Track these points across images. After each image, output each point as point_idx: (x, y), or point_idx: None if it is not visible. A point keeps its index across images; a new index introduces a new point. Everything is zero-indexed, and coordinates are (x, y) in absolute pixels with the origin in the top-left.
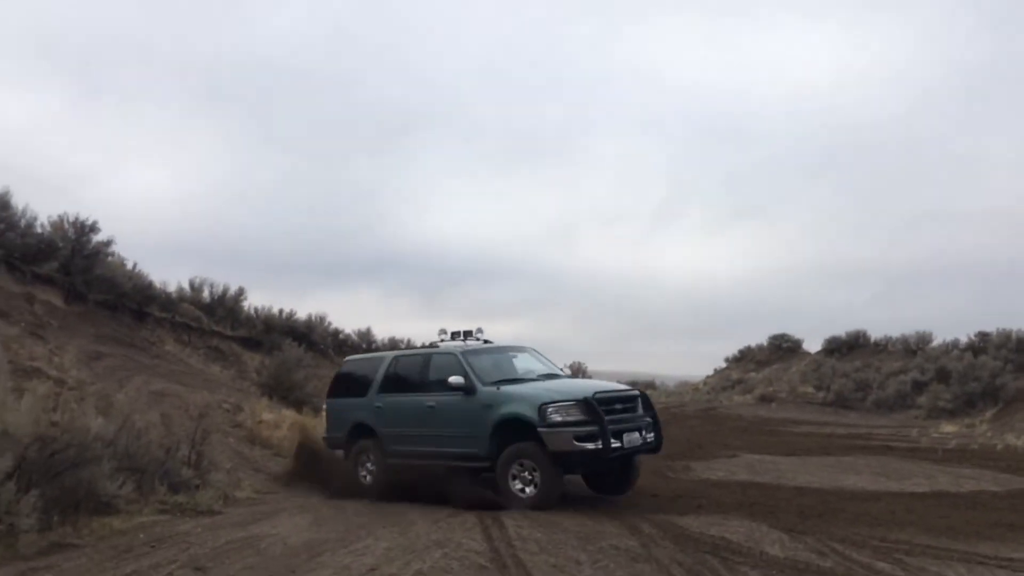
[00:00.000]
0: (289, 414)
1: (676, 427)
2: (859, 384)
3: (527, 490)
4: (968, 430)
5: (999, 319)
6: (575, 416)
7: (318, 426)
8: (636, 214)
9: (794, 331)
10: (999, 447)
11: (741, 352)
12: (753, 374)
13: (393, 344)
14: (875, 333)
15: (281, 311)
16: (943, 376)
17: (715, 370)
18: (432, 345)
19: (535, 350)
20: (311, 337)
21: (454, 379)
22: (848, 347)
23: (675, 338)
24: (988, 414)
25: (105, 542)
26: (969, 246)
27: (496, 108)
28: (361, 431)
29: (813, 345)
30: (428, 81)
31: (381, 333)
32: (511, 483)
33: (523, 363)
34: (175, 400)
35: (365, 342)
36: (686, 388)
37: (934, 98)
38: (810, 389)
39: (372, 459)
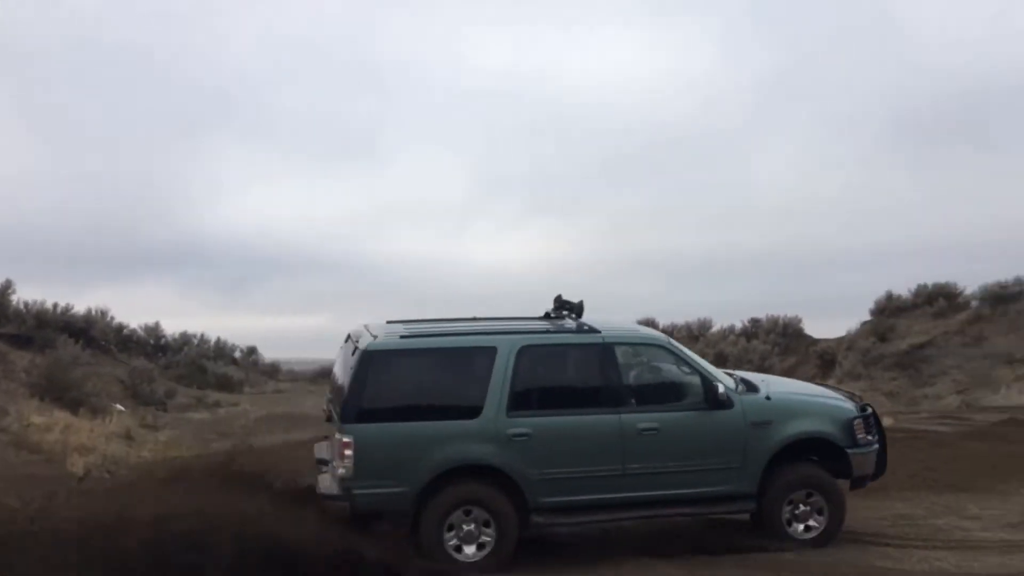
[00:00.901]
0: (63, 416)
1: None
2: None
3: (808, 527)
4: None
5: (770, 307)
6: (868, 432)
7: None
8: (445, 206)
9: (593, 320)
10: None
11: None
12: None
13: (185, 340)
14: (663, 320)
15: (56, 305)
16: (721, 360)
17: None
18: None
19: None
20: (90, 333)
21: (723, 388)
22: None
23: None
24: None
25: None
26: (750, 240)
27: (306, 95)
28: (455, 477)
29: None
30: (233, 65)
31: (173, 328)
32: (784, 521)
33: None
34: None
35: (153, 338)
36: None
37: (730, 102)
38: None
39: (493, 520)
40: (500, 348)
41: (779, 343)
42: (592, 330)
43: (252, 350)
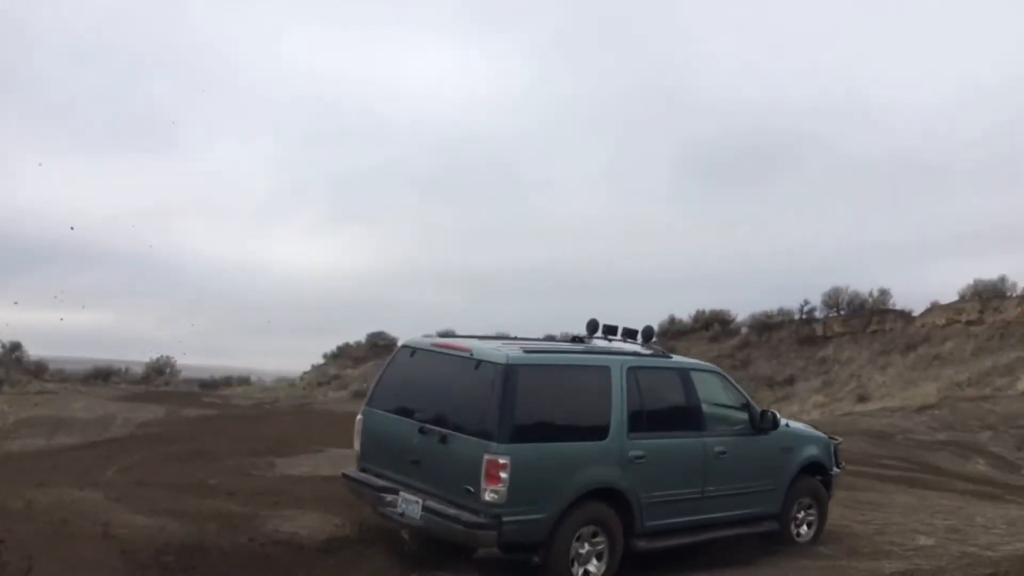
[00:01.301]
0: None
1: (266, 424)
2: None
3: (799, 534)
4: None
5: (563, 325)
6: (836, 459)
7: None
8: (243, 207)
9: (392, 330)
10: None
11: (339, 349)
12: (350, 370)
13: None
14: (462, 332)
15: None
16: None
17: (313, 366)
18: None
19: None
20: None
21: (773, 414)
22: None
23: (276, 334)
24: None
25: None
26: (548, 260)
27: (93, 78)
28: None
29: None
30: (22, 38)
31: None
32: (792, 526)
33: None
34: None
35: None
36: (283, 384)
37: (541, 125)
38: None
39: (608, 545)
40: (612, 368)
41: None
42: (665, 355)
43: (16, 346)
